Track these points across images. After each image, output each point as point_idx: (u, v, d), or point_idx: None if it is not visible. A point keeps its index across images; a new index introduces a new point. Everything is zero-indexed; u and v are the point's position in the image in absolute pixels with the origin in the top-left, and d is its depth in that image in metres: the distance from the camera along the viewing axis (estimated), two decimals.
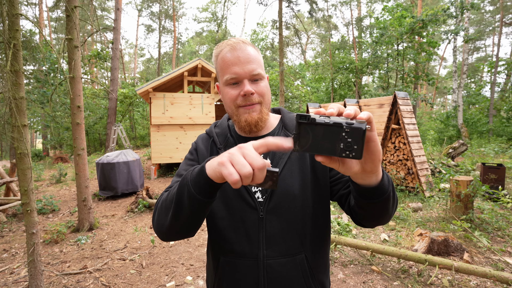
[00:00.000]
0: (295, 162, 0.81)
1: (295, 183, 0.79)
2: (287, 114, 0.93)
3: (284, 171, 0.80)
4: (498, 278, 2.26)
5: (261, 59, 0.82)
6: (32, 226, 2.36)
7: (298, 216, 0.79)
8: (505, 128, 13.70)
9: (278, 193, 0.78)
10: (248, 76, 0.77)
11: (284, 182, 0.79)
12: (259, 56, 0.82)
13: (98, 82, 6.36)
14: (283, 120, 0.90)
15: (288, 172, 0.80)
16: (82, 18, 15.53)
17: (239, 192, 0.80)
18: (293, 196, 0.78)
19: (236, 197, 0.80)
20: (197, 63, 8.41)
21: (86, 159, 4.08)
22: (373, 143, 0.49)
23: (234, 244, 0.79)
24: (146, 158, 11.81)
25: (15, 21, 2.21)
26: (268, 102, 0.84)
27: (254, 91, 0.78)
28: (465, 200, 3.68)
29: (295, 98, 19.47)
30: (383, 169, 0.62)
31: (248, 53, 0.78)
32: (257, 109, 0.80)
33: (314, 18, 13.01)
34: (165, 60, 28.37)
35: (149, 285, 2.70)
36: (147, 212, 4.91)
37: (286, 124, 0.88)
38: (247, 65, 0.77)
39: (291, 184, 0.79)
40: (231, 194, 0.81)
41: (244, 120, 0.79)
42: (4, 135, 2.46)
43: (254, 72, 0.77)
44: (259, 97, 0.80)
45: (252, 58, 0.78)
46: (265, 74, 0.82)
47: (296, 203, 0.79)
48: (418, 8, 16.41)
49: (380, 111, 6.36)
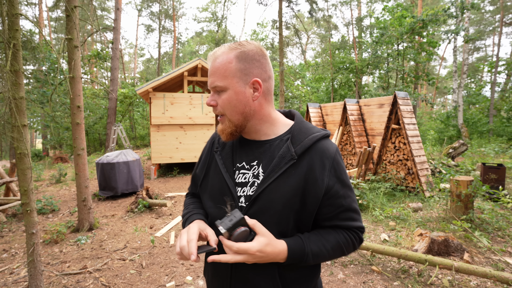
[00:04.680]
0: (288, 179, 0.77)
1: (279, 199, 0.76)
2: (300, 124, 0.84)
3: (272, 184, 0.77)
4: (498, 278, 2.26)
5: (233, 67, 0.76)
6: (32, 226, 2.35)
7: (274, 231, 0.76)
8: (505, 128, 13.69)
9: (259, 204, 0.78)
10: (212, 89, 0.80)
11: (269, 195, 0.77)
12: (230, 64, 0.76)
13: (98, 82, 6.37)
14: (293, 131, 0.82)
15: (276, 186, 0.77)
16: (82, 18, 15.54)
17: (224, 192, 0.83)
18: (274, 211, 0.77)
19: (220, 196, 0.84)
20: (197, 63, 8.41)
21: (86, 159, 4.08)
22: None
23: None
24: (146, 158, 11.81)
25: (15, 21, 2.21)
26: (234, 114, 0.79)
27: (216, 102, 0.80)
28: (465, 200, 3.68)
29: (295, 98, 19.48)
30: (298, 250, 0.75)
31: (214, 65, 0.79)
32: (224, 120, 0.82)
33: (314, 18, 13.00)
34: (165, 60, 28.36)
35: (149, 285, 2.69)
36: (147, 212, 4.91)
37: (294, 137, 0.80)
38: (210, 77, 0.79)
39: (275, 199, 0.76)
40: (217, 193, 0.85)
41: (218, 129, 0.85)
42: (4, 135, 2.46)
43: (212, 85, 0.79)
44: (221, 109, 0.80)
45: (216, 69, 0.78)
46: (232, 84, 0.77)
47: (275, 218, 0.77)
48: (418, 8, 16.40)
49: (380, 111, 6.36)
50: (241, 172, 0.84)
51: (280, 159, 0.78)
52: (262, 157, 0.82)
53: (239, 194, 0.81)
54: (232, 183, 0.82)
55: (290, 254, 0.74)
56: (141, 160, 10.89)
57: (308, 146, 0.78)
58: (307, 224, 0.80)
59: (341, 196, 0.78)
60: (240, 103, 0.78)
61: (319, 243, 0.77)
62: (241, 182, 0.83)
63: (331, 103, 9.88)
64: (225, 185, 0.83)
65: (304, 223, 0.80)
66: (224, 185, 0.83)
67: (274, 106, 0.88)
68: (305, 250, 0.75)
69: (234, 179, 0.83)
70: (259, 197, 0.78)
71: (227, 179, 0.83)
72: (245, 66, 0.77)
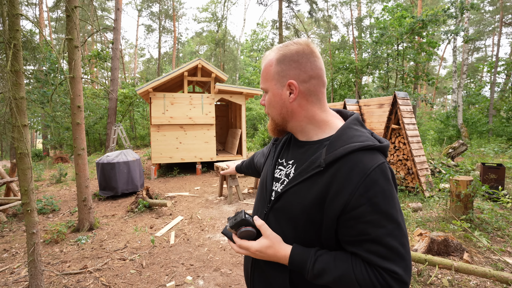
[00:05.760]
0: (311, 186, 0.73)
1: (298, 204, 0.74)
2: (345, 130, 0.75)
3: (296, 187, 0.76)
4: (498, 278, 2.27)
5: (273, 69, 0.80)
6: (32, 226, 2.36)
7: (291, 233, 0.77)
8: (505, 128, 13.69)
9: (281, 203, 0.80)
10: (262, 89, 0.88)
11: (290, 197, 0.77)
12: (270, 67, 0.81)
13: (98, 82, 6.37)
14: (334, 137, 0.75)
15: (298, 190, 0.75)
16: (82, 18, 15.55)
17: (264, 183, 0.92)
18: (292, 215, 0.76)
19: (261, 185, 0.93)
20: (197, 63, 8.41)
21: (86, 159, 4.09)
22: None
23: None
24: (146, 158, 11.82)
25: (16, 21, 2.22)
26: (275, 115, 0.85)
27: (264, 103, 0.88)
28: (465, 200, 3.68)
29: None
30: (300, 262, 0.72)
31: (262, 67, 0.86)
32: (270, 119, 0.90)
33: (314, 18, 13.02)
34: (165, 60, 28.35)
35: (149, 285, 2.70)
36: (147, 212, 4.92)
37: (331, 143, 0.73)
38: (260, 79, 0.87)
39: (293, 202, 0.76)
40: (261, 182, 0.95)
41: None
42: (5, 135, 2.46)
43: (260, 87, 0.87)
44: (267, 109, 0.87)
45: (262, 72, 0.85)
46: (271, 87, 0.82)
47: (292, 223, 0.76)
48: (418, 8, 16.41)
49: (380, 111, 6.37)
50: (278, 168, 0.90)
51: (309, 164, 0.75)
52: (298, 157, 0.84)
53: (273, 188, 0.87)
54: (271, 176, 0.90)
55: (291, 262, 0.74)
56: (141, 160, 10.89)
57: (339, 156, 0.69)
58: (329, 242, 0.73)
59: (368, 221, 0.65)
60: (277, 104, 0.82)
61: (326, 265, 0.69)
62: (277, 178, 0.88)
63: (331, 103, 9.88)
64: (266, 176, 0.91)
65: (326, 240, 0.73)
66: (266, 176, 0.92)
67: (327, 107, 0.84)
68: (307, 266, 0.70)
69: (273, 173, 0.90)
70: (282, 196, 0.80)
71: (269, 172, 0.91)
72: (282, 69, 0.79)
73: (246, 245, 0.78)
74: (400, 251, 0.65)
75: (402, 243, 0.65)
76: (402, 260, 0.65)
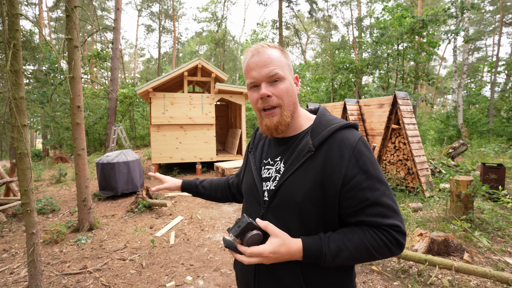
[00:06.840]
0: (306, 172, 0.77)
1: (298, 192, 0.76)
2: (321, 117, 0.85)
3: (291, 178, 0.78)
4: (498, 278, 2.26)
5: (284, 60, 0.81)
6: (32, 226, 2.36)
7: (296, 225, 0.77)
8: (505, 128, 13.69)
9: (279, 197, 0.80)
10: (265, 79, 0.79)
11: (287, 189, 0.78)
12: (281, 58, 0.80)
13: (98, 82, 6.37)
14: (313, 125, 0.84)
15: (294, 179, 0.78)
16: (82, 18, 15.53)
17: (252, 188, 0.89)
18: (294, 204, 0.77)
19: (249, 191, 0.91)
20: (197, 63, 8.40)
21: (86, 159, 4.08)
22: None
23: None
24: (146, 158, 11.81)
25: (15, 21, 2.21)
26: (290, 104, 0.81)
27: (272, 93, 0.79)
28: (465, 200, 3.68)
29: None
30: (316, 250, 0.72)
31: (267, 56, 0.78)
32: (277, 112, 0.81)
33: (314, 18, 13.01)
34: (165, 60, 28.34)
35: (149, 285, 2.69)
36: (147, 212, 4.91)
37: (314, 129, 0.81)
38: (264, 68, 0.78)
39: (293, 192, 0.77)
40: (248, 188, 0.92)
41: (264, 124, 0.83)
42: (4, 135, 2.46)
43: (271, 74, 0.78)
44: (277, 100, 0.79)
45: (271, 60, 0.78)
46: (287, 75, 0.80)
47: (295, 212, 0.77)
48: (418, 8, 16.40)
49: (380, 111, 6.36)
50: (266, 168, 0.89)
51: (299, 153, 0.79)
52: (285, 152, 0.85)
53: (264, 188, 0.86)
54: (259, 178, 0.88)
55: (306, 253, 0.72)
56: (141, 160, 10.89)
57: (326, 137, 0.77)
58: (332, 220, 0.77)
59: (365, 188, 0.72)
60: (293, 93, 0.83)
61: (340, 242, 0.72)
62: (266, 177, 0.87)
63: (331, 103, 9.88)
64: (253, 180, 0.89)
65: (329, 219, 0.77)
66: (252, 181, 0.90)
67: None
68: (323, 250, 0.72)
69: (260, 174, 0.89)
70: (279, 191, 0.80)
71: (255, 175, 0.89)
72: (288, 63, 0.83)
73: (258, 250, 0.71)
74: (394, 207, 0.74)
75: (393, 200, 0.75)
76: (397, 214, 0.74)
